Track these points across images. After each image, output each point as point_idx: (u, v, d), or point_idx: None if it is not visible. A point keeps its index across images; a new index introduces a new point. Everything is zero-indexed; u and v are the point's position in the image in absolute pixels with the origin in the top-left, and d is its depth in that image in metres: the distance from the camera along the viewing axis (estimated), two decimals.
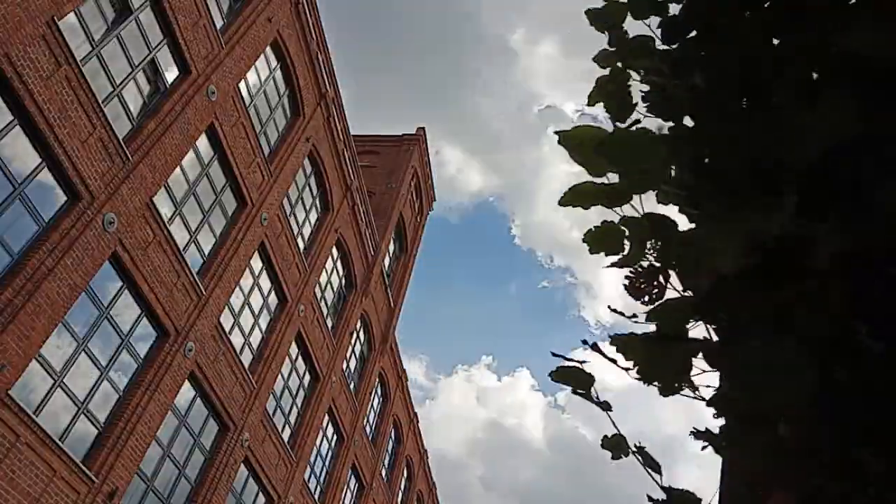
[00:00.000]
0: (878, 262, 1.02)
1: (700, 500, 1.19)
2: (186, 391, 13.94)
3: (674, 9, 1.51)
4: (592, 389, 1.24)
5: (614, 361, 1.25)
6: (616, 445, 1.27)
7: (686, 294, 1.19)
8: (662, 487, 1.22)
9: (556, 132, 1.26)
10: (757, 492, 1.12)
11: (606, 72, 1.55)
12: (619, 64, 1.52)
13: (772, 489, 1.06)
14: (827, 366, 1.00)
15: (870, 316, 1.06)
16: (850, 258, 1.04)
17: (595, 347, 1.27)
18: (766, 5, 1.25)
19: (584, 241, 1.40)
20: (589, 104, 1.57)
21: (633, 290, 1.27)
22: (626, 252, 1.30)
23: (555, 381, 1.29)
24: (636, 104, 1.49)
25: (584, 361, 1.27)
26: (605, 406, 1.24)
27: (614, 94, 1.51)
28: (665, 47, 1.46)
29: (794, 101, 1.16)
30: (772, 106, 1.23)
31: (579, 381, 1.26)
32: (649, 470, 1.21)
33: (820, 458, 0.99)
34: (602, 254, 1.38)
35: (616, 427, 1.27)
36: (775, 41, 1.25)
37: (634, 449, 1.23)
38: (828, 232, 1.01)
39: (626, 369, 1.25)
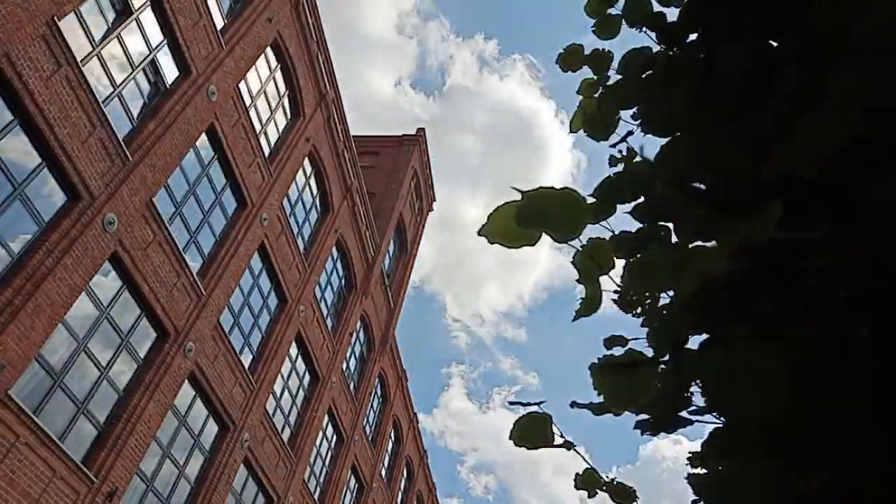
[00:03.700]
0: (878, 262, 1.02)
1: None
2: (186, 391, 13.93)
3: (671, 15, 1.52)
4: (553, 431, 1.16)
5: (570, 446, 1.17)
6: (589, 481, 1.20)
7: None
8: None
9: (479, 232, 1.18)
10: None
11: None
12: (602, 90, 1.54)
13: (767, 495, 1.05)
14: (814, 370, 1.00)
15: (870, 316, 1.05)
16: (850, 260, 1.03)
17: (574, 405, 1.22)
18: (763, 8, 1.25)
19: (572, 264, 1.37)
20: (572, 131, 1.58)
21: (624, 303, 1.23)
22: (585, 297, 1.24)
23: (519, 447, 1.20)
24: (619, 118, 1.50)
25: (541, 402, 1.18)
26: (569, 445, 1.19)
27: (598, 116, 1.52)
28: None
29: (792, 104, 1.16)
30: (769, 109, 1.23)
31: (539, 434, 1.17)
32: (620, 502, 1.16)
33: (810, 464, 0.98)
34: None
35: (587, 461, 1.20)
36: (773, 43, 1.25)
37: (605, 483, 1.18)
38: (819, 240, 1.01)
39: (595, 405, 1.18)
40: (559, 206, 1.05)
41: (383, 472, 27.75)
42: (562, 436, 1.15)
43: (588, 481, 1.19)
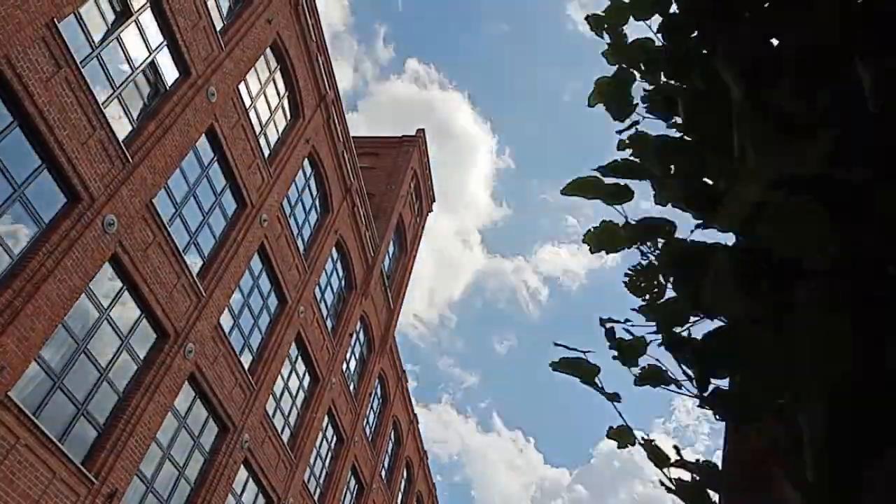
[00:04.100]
0: (878, 262, 1.02)
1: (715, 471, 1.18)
2: (186, 392, 13.93)
3: (675, 9, 1.51)
4: (597, 380, 1.25)
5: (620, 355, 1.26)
6: (621, 435, 1.28)
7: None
8: (670, 479, 1.21)
9: (563, 191, 1.34)
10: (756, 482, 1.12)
11: (609, 72, 1.57)
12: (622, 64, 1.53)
13: (771, 480, 1.06)
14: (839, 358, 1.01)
15: (870, 316, 1.05)
16: (852, 259, 1.03)
17: (610, 327, 1.30)
18: (766, 4, 1.25)
19: (584, 241, 1.42)
20: (589, 105, 1.58)
21: (634, 287, 1.29)
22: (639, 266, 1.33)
23: (557, 371, 1.30)
24: (636, 104, 1.50)
25: (587, 351, 1.28)
26: (615, 397, 1.26)
27: (614, 94, 1.52)
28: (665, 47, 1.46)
29: (794, 100, 1.16)
30: (771, 106, 1.23)
31: (584, 372, 1.27)
32: (655, 462, 1.23)
33: (831, 451, 0.98)
34: (603, 252, 1.40)
35: (623, 417, 1.28)
36: (775, 41, 1.25)
37: (642, 441, 1.25)
38: (863, 179, 1.01)
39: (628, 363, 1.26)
40: None
41: (383, 473, 27.74)
42: (603, 388, 1.22)
43: (621, 435, 1.27)
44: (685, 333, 1.22)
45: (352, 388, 23.49)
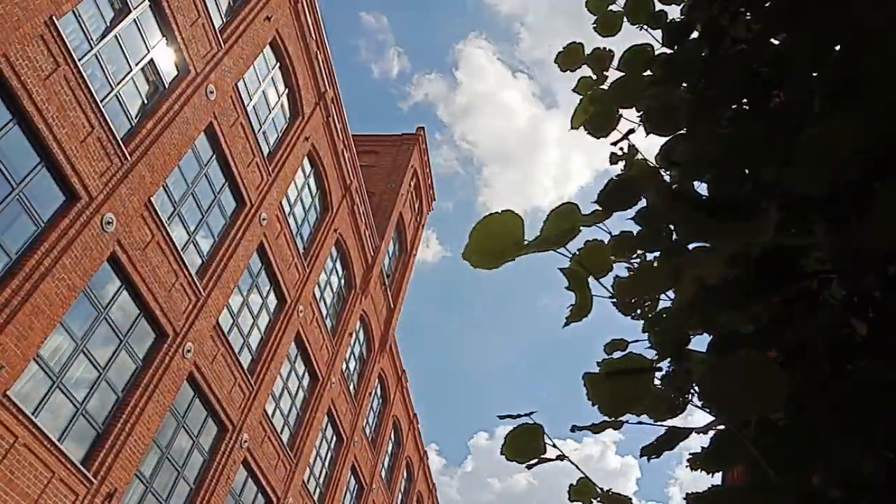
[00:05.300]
0: (876, 261, 1.02)
1: None
2: (185, 392, 13.92)
3: (672, 13, 1.51)
4: (544, 441, 1.15)
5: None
6: (583, 491, 1.20)
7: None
8: None
9: (463, 255, 1.17)
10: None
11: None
12: (601, 87, 1.53)
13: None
14: (814, 370, 0.99)
15: (869, 316, 1.05)
16: (850, 260, 1.03)
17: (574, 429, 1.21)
18: (766, 5, 1.24)
19: (570, 265, 1.35)
20: (572, 127, 1.57)
21: (623, 306, 1.23)
22: (575, 302, 1.22)
23: (511, 461, 1.19)
24: (620, 116, 1.48)
25: (530, 413, 1.17)
26: (562, 457, 1.18)
27: (596, 115, 1.51)
28: (664, 51, 1.45)
29: (795, 104, 1.15)
30: (771, 109, 1.22)
31: (532, 446, 1.15)
32: None
33: (814, 465, 0.97)
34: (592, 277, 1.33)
35: (581, 470, 1.18)
36: (775, 42, 1.24)
37: (601, 492, 1.17)
38: (815, 243, 1.00)
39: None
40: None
41: (383, 473, 27.77)
42: (554, 446, 1.14)
43: (582, 491, 1.17)
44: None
45: (351, 387, 23.50)
